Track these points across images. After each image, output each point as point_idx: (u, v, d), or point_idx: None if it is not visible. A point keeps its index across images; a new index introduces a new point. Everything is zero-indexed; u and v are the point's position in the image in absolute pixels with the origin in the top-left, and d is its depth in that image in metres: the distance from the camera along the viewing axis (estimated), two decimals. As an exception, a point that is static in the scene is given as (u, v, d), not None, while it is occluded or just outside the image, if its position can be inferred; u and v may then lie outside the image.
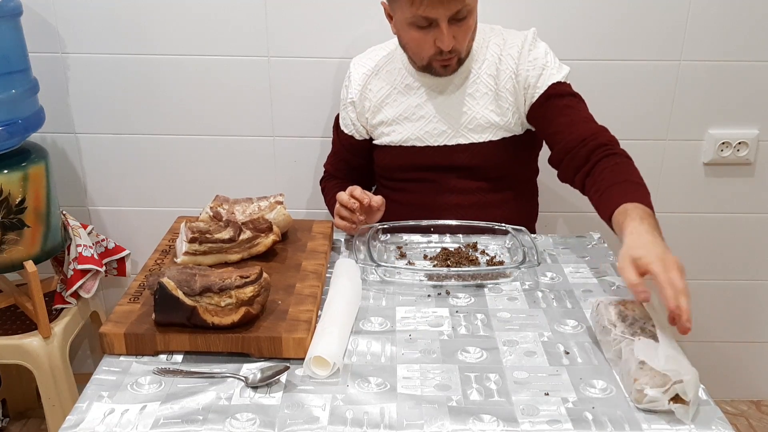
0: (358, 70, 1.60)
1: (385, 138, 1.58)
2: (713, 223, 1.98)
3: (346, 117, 1.63)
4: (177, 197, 1.96)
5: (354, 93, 1.59)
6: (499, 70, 1.50)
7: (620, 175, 1.31)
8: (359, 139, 1.63)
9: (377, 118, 1.58)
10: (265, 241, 1.31)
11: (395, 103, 1.56)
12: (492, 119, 1.51)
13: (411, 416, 0.95)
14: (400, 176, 1.60)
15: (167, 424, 0.93)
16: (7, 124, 1.54)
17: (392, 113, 1.56)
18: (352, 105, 1.60)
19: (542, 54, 1.50)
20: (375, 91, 1.58)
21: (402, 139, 1.56)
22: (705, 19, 1.76)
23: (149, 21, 1.78)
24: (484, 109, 1.51)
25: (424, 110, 1.54)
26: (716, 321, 2.09)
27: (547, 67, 1.48)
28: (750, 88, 1.83)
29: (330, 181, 1.72)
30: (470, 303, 1.23)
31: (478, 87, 1.52)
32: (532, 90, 1.48)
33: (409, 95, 1.55)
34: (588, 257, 1.41)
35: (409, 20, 1.39)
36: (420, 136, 1.55)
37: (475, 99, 1.52)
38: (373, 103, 1.57)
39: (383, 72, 1.58)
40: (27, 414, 2.07)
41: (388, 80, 1.57)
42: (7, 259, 1.60)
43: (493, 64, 1.51)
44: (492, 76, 1.51)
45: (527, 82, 1.48)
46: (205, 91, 1.85)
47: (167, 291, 1.05)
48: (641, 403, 0.95)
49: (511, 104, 1.51)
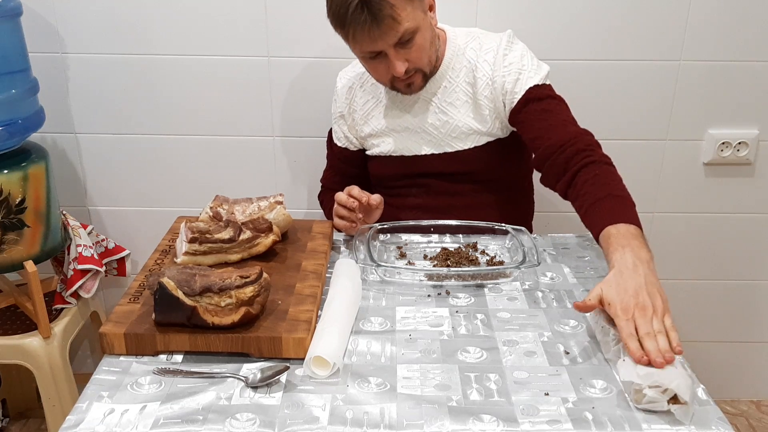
0: (344, 83, 1.62)
1: (376, 149, 1.59)
2: (713, 223, 1.98)
3: (338, 130, 1.64)
4: (177, 197, 1.96)
5: (342, 106, 1.61)
6: (476, 77, 1.49)
7: (602, 189, 1.28)
8: (353, 150, 1.64)
9: (365, 130, 1.59)
10: (265, 241, 1.31)
11: (380, 116, 1.57)
12: (473, 126, 1.51)
13: (411, 416, 0.95)
14: (394, 183, 1.61)
15: (167, 424, 0.93)
16: (7, 124, 1.54)
17: (378, 125, 1.57)
18: (342, 118, 1.62)
19: (518, 58, 1.47)
20: (361, 104, 1.59)
21: (391, 150, 1.57)
22: (705, 19, 1.76)
23: (149, 21, 1.78)
24: (464, 117, 1.51)
25: (407, 122, 1.55)
26: (716, 321, 2.09)
27: (524, 70, 1.46)
28: (750, 88, 1.83)
29: (328, 194, 1.71)
30: (470, 303, 1.23)
31: (457, 95, 1.51)
32: (510, 96, 1.46)
33: (391, 108, 1.56)
34: (588, 257, 1.41)
35: (359, 55, 1.42)
36: (408, 146, 1.56)
37: (455, 107, 1.51)
38: (360, 115, 1.59)
39: (367, 84, 1.58)
40: (27, 414, 2.07)
41: (373, 92, 1.58)
42: (7, 259, 1.60)
43: (469, 71, 1.50)
44: (469, 84, 1.50)
45: (504, 88, 1.46)
46: (205, 91, 1.85)
47: (167, 291, 1.05)
48: (640, 403, 0.95)
49: (491, 110, 1.50)
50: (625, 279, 1.07)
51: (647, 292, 1.05)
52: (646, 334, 1.00)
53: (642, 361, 0.97)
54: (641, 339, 1.00)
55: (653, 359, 0.97)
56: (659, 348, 0.99)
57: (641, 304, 1.04)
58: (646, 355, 0.98)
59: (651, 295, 1.05)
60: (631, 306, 1.04)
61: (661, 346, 0.99)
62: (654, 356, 0.97)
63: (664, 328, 1.02)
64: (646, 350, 0.99)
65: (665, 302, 1.05)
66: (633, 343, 1.00)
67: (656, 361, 0.97)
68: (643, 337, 1.00)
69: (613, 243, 1.15)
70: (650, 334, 1.00)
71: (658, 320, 1.03)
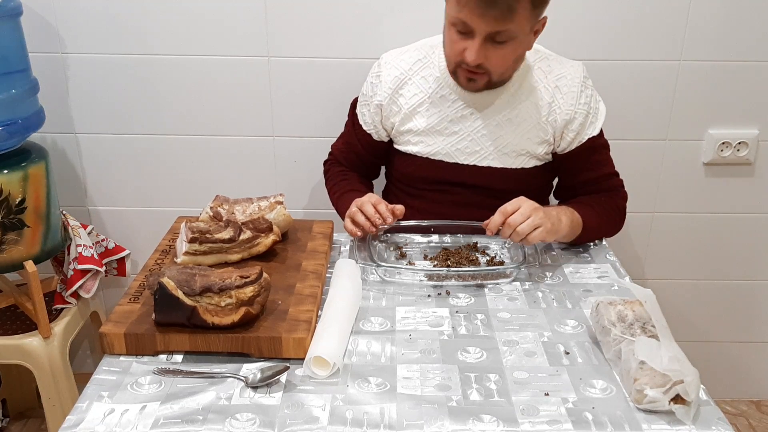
0: (391, 71, 1.51)
1: (412, 147, 1.51)
2: (713, 223, 1.98)
3: (368, 115, 1.55)
4: (177, 197, 1.96)
5: (383, 95, 1.51)
6: (550, 105, 1.44)
7: (590, 199, 1.47)
8: (377, 139, 1.57)
9: (406, 125, 1.50)
10: (265, 241, 1.31)
11: (427, 113, 1.48)
12: (529, 148, 1.47)
13: (411, 416, 0.95)
14: (421, 185, 1.54)
15: (167, 424, 0.93)
16: (7, 124, 1.54)
17: (423, 123, 1.49)
18: (379, 108, 1.52)
19: (590, 98, 1.46)
20: (408, 98, 1.49)
21: (430, 152, 1.49)
22: (705, 19, 1.76)
23: (149, 21, 1.77)
24: (522, 138, 1.46)
25: (458, 126, 1.47)
26: (716, 321, 2.09)
27: (591, 113, 1.46)
28: (750, 88, 1.83)
29: (336, 166, 1.65)
30: (470, 303, 1.23)
31: (519, 113, 1.45)
32: (572, 135, 1.46)
33: (443, 107, 1.47)
34: (588, 257, 1.41)
35: (452, 19, 1.32)
36: (450, 152, 1.48)
37: (514, 125, 1.46)
38: (405, 110, 1.49)
39: (418, 77, 1.49)
40: (27, 414, 2.07)
41: (423, 87, 1.48)
42: (7, 259, 1.60)
43: (541, 96, 1.45)
44: (536, 106, 1.45)
45: (570, 125, 1.45)
46: (205, 91, 1.85)
47: (167, 291, 1.05)
48: (641, 403, 0.95)
49: (549, 135, 1.46)
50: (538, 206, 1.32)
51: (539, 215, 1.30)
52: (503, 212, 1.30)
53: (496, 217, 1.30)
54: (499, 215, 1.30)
55: (507, 222, 1.28)
56: (516, 229, 1.28)
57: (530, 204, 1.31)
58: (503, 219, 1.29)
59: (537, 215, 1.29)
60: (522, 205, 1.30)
61: (520, 228, 1.28)
62: (508, 223, 1.28)
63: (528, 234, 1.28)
64: (492, 221, 1.30)
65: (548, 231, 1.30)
66: (499, 215, 1.30)
67: (506, 225, 1.28)
68: (500, 213, 1.30)
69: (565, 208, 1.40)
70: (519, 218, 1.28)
71: (529, 225, 1.28)
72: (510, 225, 1.29)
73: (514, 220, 1.29)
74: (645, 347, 0.99)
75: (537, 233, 1.29)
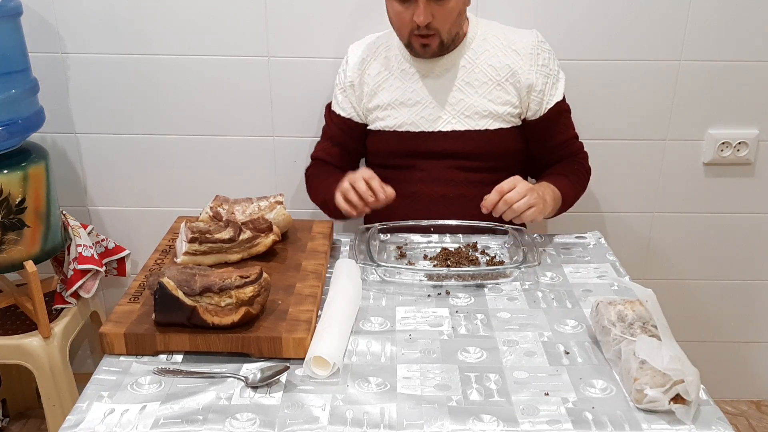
0: (356, 53, 1.62)
1: (380, 123, 1.58)
2: (713, 223, 1.97)
3: (344, 100, 1.62)
4: (177, 197, 1.96)
5: (353, 75, 1.61)
6: (510, 66, 1.52)
7: (561, 168, 1.57)
8: (358, 121, 1.63)
9: (373, 101, 1.58)
10: (265, 241, 1.31)
11: (391, 88, 1.57)
12: (490, 108, 1.53)
13: (411, 416, 0.95)
14: (393, 161, 1.59)
15: (167, 424, 0.93)
16: (7, 124, 1.54)
17: (388, 97, 1.57)
18: (352, 88, 1.61)
19: (549, 61, 1.55)
20: (372, 75, 1.59)
21: (397, 124, 1.56)
22: (705, 19, 1.76)
23: (149, 21, 1.77)
24: (482, 98, 1.53)
25: (420, 95, 1.55)
26: (716, 321, 2.09)
27: (555, 78, 1.54)
28: (750, 88, 1.83)
29: (320, 167, 1.68)
30: (470, 303, 1.23)
31: (476, 76, 1.53)
32: (539, 100, 1.53)
33: (404, 80, 1.56)
34: (588, 257, 1.41)
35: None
36: (415, 121, 1.55)
37: (473, 87, 1.53)
38: (370, 86, 1.58)
39: (380, 56, 1.59)
40: (27, 414, 2.07)
41: (385, 65, 1.58)
42: (7, 259, 1.60)
43: (494, 55, 1.53)
44: (493, 67, 1.53)
45: (535, 88, 1.52)
46: (205, 91, 1.84)
47: (167, 291, 1.05)
48: (641, 403, 0.95)
49: (513, 97, 1.52)
50: (531, 186, 1.38)
51: (533, 195, 1.35)
52: (499, 190, 1.33)
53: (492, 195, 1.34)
54: (495, 193, 1.34)
55: (504, 198, 1.32)
56: (511, 206, 1.32)
57: (525, 184, 1.35)
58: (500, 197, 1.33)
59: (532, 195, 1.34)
60: (518, 184, 1.35)
61: (516, 205, 1.32)
62: (486, 205, 1.34)
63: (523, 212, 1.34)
64: (488, 200, 1.34)
65: (539, 212, 1.37)
66: (495, 193, 1.34)
67: (502, 202, 1.32)
68: (496, 192, 1.34)
69: (546, 185, 1.47)
70: (515, 196, 1.33)
71: (525, 204, 1.33)
72: (507, 202, 1.34)
73: (510, 198, 1.34)
74: (646, 346, 0.99)
75: (530, 212, 1.35)
